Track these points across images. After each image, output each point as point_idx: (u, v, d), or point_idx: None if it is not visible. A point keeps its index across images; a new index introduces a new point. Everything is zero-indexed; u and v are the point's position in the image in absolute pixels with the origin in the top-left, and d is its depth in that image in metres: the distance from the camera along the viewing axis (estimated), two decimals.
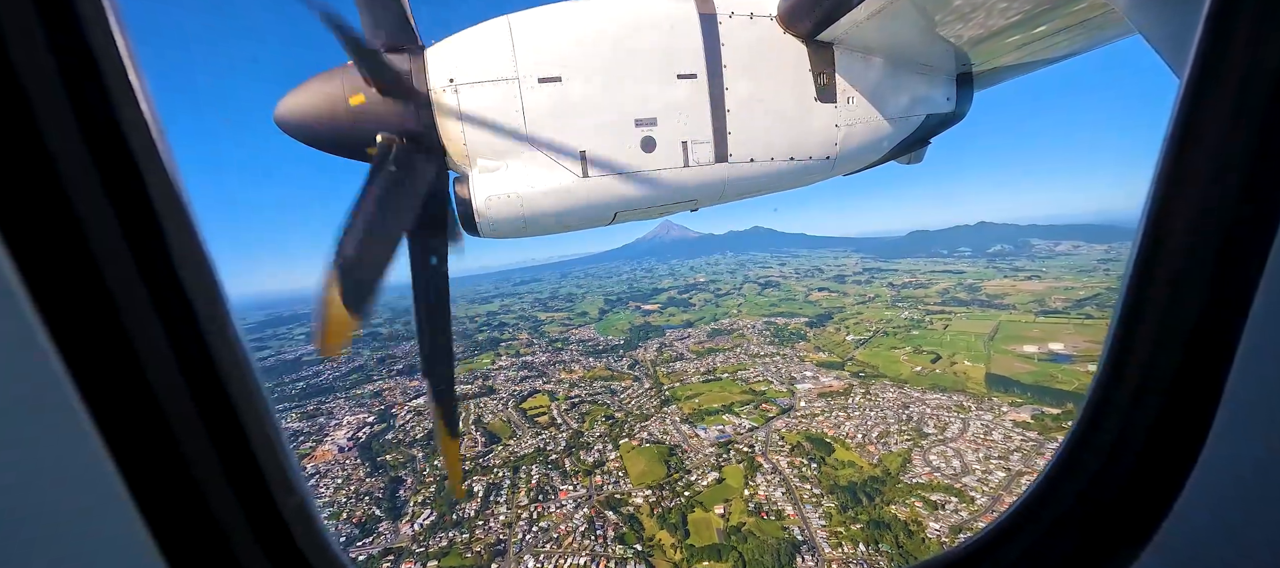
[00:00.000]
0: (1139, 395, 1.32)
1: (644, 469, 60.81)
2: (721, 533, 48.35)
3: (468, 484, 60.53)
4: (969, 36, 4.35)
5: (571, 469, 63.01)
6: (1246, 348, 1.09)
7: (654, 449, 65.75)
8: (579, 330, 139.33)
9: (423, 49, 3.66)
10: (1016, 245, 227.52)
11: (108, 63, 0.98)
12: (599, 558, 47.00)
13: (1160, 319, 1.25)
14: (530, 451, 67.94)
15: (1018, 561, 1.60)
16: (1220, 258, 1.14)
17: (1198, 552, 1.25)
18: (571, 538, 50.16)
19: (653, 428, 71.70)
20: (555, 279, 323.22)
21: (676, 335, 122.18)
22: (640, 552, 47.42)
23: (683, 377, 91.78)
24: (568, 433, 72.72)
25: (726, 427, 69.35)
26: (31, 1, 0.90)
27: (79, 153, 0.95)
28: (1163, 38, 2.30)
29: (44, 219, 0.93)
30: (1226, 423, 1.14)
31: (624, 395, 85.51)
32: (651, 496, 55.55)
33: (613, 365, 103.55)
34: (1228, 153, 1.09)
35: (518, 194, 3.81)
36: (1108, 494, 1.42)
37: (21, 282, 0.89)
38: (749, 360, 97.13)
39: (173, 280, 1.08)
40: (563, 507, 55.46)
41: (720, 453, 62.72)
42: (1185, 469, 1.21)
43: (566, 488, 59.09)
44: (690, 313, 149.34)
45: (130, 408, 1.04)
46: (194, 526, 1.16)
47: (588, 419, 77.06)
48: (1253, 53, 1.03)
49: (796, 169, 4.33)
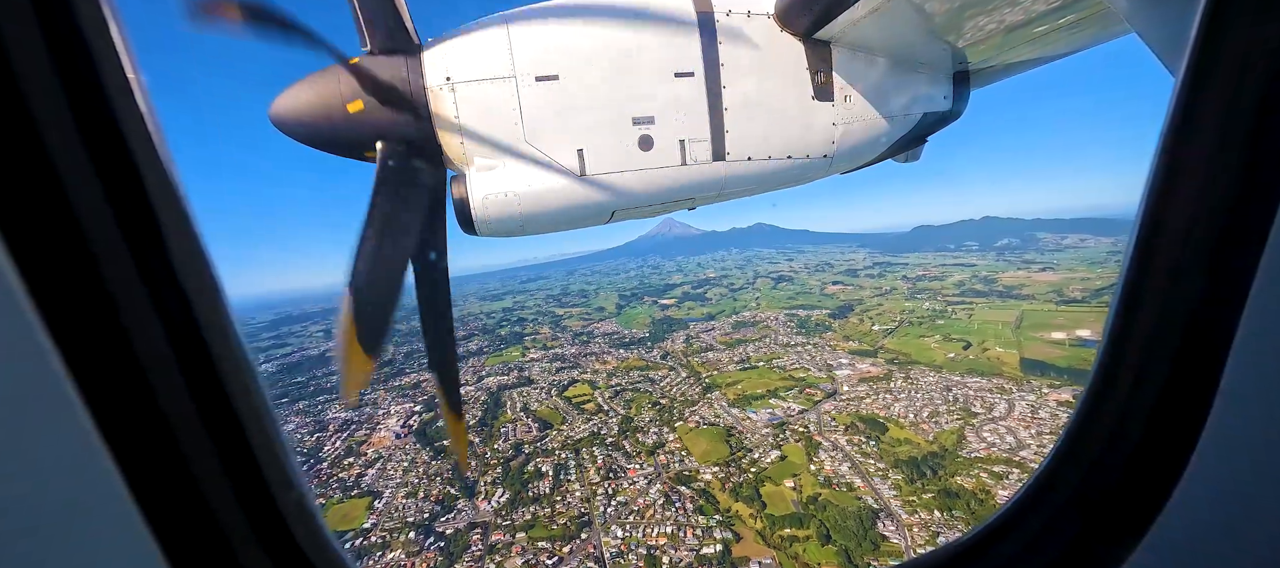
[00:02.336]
0: (1136, 390, 1.34)
1: (707, 449, 63.14)
2: (797, 503, 50.77)
3: (532, 465, 62.81)
4: (966, 35, 4.36)
5: (632, 450, 65.28)
6: (1241, 344, 1.10)
7: (713, 430, 68.06)
8: (601, 324, 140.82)
9: (419, 48, 3.67)
10: (1023, 239, 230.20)
11: (105, 61, 0.98)
12: (684, 527, 49.30)
13: (1156, 315, 1.28)
14: (585, 435, 70.10)
15: (1017, 554, 1.63)
16: (1216, 254, 1.16)
17: (1194, 545, 1.27)
18: (651, 510, 52.50)
19: (702, 412, 74.01)
20: (562, 276, 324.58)
21: (700, 328, 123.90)
22: (721, 521, 49.78)
23: (718, 366, 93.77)
24: (617, 419, 74.84)
25: (775, 410, 71.65)
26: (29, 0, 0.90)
27: (76, 151, 0.95)
28: (1158, 36, 2.34)
29: (42, 218, 0.93)
30: (1222, 418, 1.16)
31: (664, 384, 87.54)
32: (719, 472, 57.87)
33: (644, 356, 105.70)
34: (1223, 150, 1.12)
35: (515, 193, 3.82)
36: (1105, 488, 1.46)
37: (20, 280, 0.89)
38: (780, 350, 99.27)
39: (171, 278, 1.09)
40: (635, 483, 57.76)
41: (776, 433, 65.14)
42: (1181, 463, 1.23)
43: (633, 467, 61.37)
44: (708, 307, 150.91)
45: (129, 406, 1.04)
46: (193, 523, 1.17)
47: (633, 406, 79.27)
48: (1246, 52, 1.05)
49: (794, 167, 4.35)
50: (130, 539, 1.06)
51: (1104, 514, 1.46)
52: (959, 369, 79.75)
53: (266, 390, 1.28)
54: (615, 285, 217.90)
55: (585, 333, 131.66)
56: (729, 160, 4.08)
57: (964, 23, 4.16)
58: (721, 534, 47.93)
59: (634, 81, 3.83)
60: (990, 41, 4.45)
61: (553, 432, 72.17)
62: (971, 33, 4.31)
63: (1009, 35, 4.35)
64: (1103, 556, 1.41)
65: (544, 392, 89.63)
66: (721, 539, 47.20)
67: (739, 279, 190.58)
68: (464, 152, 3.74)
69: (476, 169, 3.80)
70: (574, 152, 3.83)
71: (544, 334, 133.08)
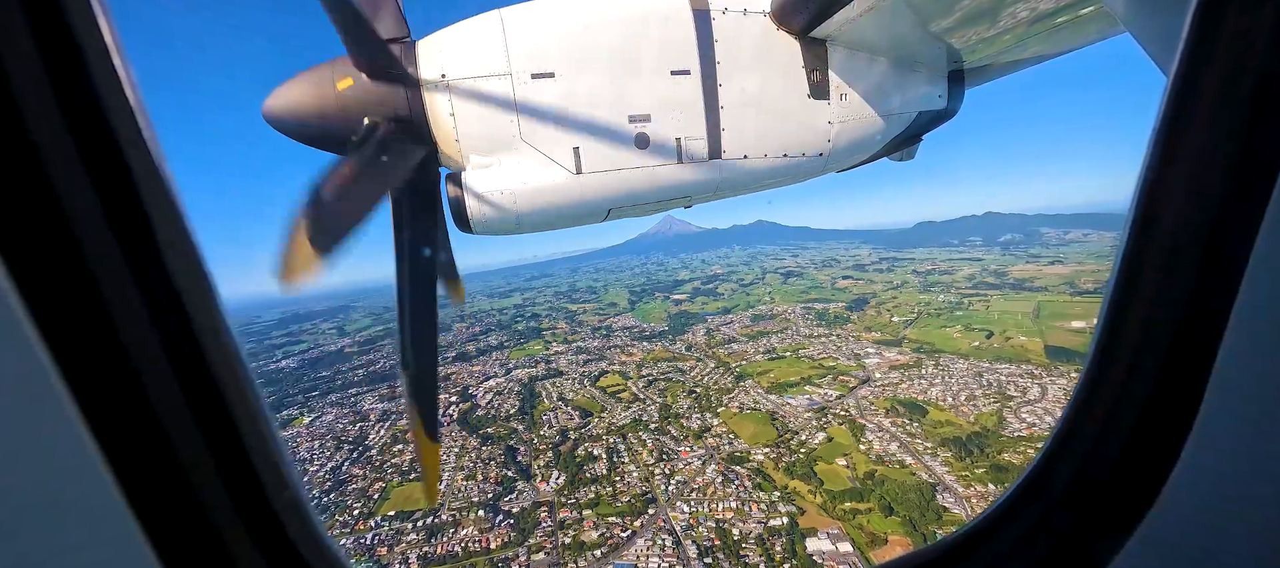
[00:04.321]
0: (1126, 388, 1.36)
1: (754, 432, 65.13)
2: (853, 479, 52.82)
3: (583, 449, 64.56)
4: (961, 33, 4.38)
5: (679, 435, 67.19)
6: (1230, 342, 1.12)
7: (756, 415, 70.06)
8: (617, 319, 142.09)
9: (414, 43, 3.66)
10: (1027, 234, 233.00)
11: (95, 58, 0.97)
12: (748, 502, 51.27)
13: (1147, 313, 1.30)
14: (627, 421, 71.98)
15: (1009, 550, 1.66)
16: (1206, 253, 1.17)
17: (1183, 540, 1.30)
18: (712, 487, 54.45)
19: (740, 399, 75.99)
20: (567, 274, 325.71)
21: (719, 321, 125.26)
22: (781, 496, 51.79)
23: (744, 356, 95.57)
24: (655, 406, 76.64)
25: (813, 396, 73.74)
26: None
27: (66, 148, 0.95)
28: (1150, 36, 2.37)
29: (32, 215, 0.92)
30: (1211, 415, 1.18)
31: (694, 374, 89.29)
32: (770, 453, 59.89)
33: (668, 348, 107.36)
34: (1213, 150, 1.13)
35: (511, 191, 3.80)
36: (1095, 485, 1.49)
37: (10, 279, 0.89)
38: (805, 340, 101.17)
39: (163, 276, 1.08)
40: (689, 464, 59.66)
41: (818, 417, 67.18)
42: (1171, 460, 1.25)
43: (684, 449, 63.27)
44: (721, 301, 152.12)
45: (122, 405, 1.04)
46: (187, 522, 1.16)
47: (668, 394, 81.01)
48: (1236, 53, 1.07)
49: (790, 166, 4.35)
50: (122, 540, 1.05)
51: (1094, 511, 1.49)
52: (986, 356, 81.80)
53: (261, 390, 1.28)
54: (623, 282, 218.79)
55: (603, 327, 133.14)
56: (725, 158, 4.10)
57: (959, 22, 4.20)
58: (785, 508, 49.92)
59: (630, 79, 3.84)
60: (985, 40, 4.49)
61: (594, 419, 74.00)
62: (967, 31, 4.35)
63: (1004, 34, 4.39)
64: (1093, 551, 1.43)
65: (576, 382, 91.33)
66: (786, 513, 49.17)
67: (747, 275, 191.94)
68: (459, 148, 3.72)
69: (472, 167, 3.78)
70: (570, 150, 3.82)
71: (562, 329, 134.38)
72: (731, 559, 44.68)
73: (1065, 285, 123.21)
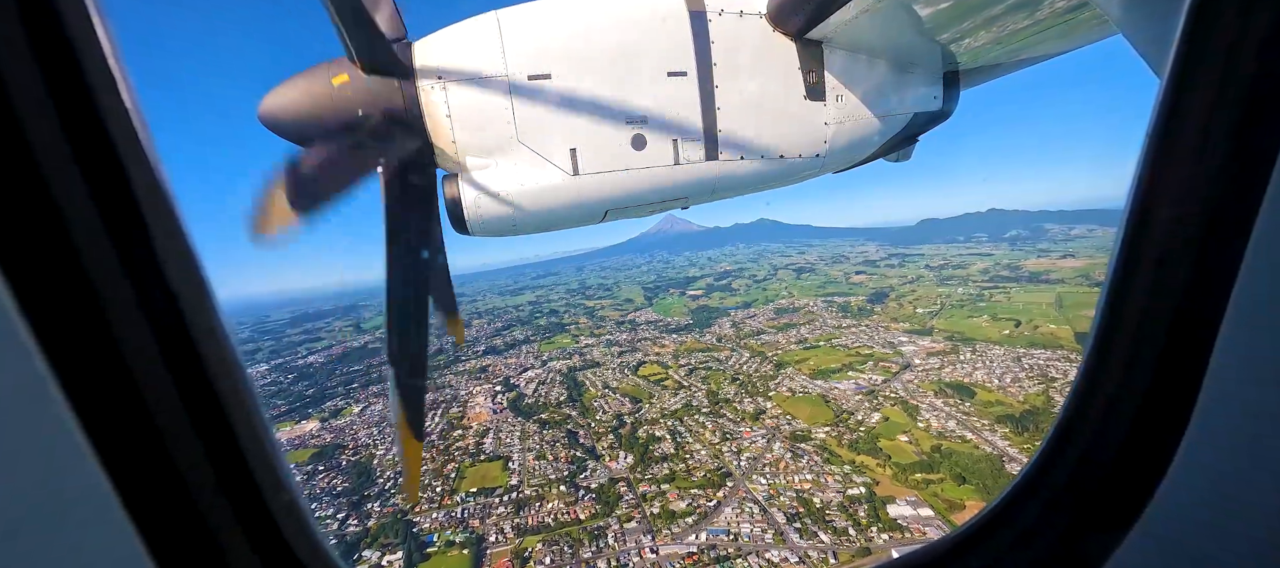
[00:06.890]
0: (1124, 385, 1.37)
1: (811, 413, 67.64)
2: (919, 453, 55.35)
3: (644, 431, 66.74)
4: (956, 35, 4.42)
5: (734, 417, 69.59)
6: (1226, 338, 1.13)
7: (808, 397, 72.57)
8: (637, 314, 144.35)
9: (411, 44, 3.67)
10: (1032, 230, 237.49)
11: (91, 60, 0.96)
12: (821, 474, 53.77)
13: (1143, 311, 1.31)
14: (679, 405, 74.25)
15: (1009, 547, 1.66)
16: (1201, 251, 1.18)
17: (1181, 535, 1.30)
18: (783, 462, 56.95)
19: (786, 384, 78.38)
20: (574, 272, 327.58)
21: (743, 315, 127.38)
22: (853, 469, 54.19)
23: (778, 346, 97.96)
24: (702, 392, 78.98)
25: (858, 381, 76.20)
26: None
27: (60, 148, 0.94)
28: (1143, 39, 2.38)
29: (26, 216, 0.92)
30: (1208, 411, 1.19)
31: (732, 363, 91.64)
32: (831, 431, 62.38)
33: (700, 340, 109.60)
34: (1206, 150, 1.14)
35: (507, 192, 3.81)
36: (1094, 481, 1.49)
37: (5, 281, 0.88)
38: (835, 331, 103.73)
39: (158, 277, 1.07)
40: (754, 442, 62.07)
41: (869, 399, 69.66)
42: (1169, 456, 1.26)
43: (746, 429, 65.66)
44: (739, 296, 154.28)
45: (116, 407, 1.03)
46: (182, 525, 1.15)
47: (711, 381, 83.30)
48: (1229, 55, 1.08)
49: (786, 167, 4.37)
50: (118, 542, 1.05)
51: (1093, 506, 1.50)
52: (1019, 343, 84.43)
53: (257, 392, 1.29)
54: (634, 279, 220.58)
55: (627, 322, 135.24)
56: (722, 160, 4.11)
57: (955, 24, 4.25)
58: (859, 479, 52.34)
59: (627, 81, 3.85)
60: (981, 42, 4.52)
61: (645, 404, 76.25)
62: (962, 33, 4.39)
63: (999, 36, 4.42)
64: (1092, 547, 1.45)
65: (616, 372, 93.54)
66: (861, 483, 51.58)
67: (758, 271, 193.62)
68: (456, 150, 3.73)
69: (469, 169, 3.80)
70: (567, 151, 3.84)
71: (584, 324, 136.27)
72: (820, 525, 47.01)
73: (1081, 277, 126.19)
